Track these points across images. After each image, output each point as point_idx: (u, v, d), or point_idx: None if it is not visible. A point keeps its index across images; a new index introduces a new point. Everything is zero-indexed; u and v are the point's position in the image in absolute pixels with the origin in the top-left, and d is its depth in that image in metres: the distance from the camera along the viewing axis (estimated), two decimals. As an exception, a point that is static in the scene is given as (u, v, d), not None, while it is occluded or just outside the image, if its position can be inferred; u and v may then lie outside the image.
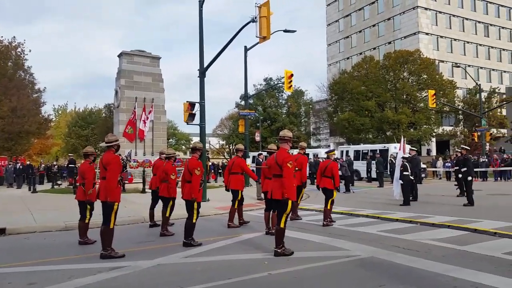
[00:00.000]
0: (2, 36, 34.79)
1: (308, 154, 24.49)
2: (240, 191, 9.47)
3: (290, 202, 6.23)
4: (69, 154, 26.21)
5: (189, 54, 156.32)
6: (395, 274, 5.29)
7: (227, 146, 59.87)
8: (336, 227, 8.95)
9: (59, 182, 24.88)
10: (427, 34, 52.55)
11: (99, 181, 7.08)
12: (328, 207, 9.34)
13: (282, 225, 6.32)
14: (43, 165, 23.90)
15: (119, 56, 24.11)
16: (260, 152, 23.13)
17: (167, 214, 8.91)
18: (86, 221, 7.94)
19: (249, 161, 24.15)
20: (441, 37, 53.65)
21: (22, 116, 30.15)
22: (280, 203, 6.33)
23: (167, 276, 5.39)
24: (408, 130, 38.89)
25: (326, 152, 10.56)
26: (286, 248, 6.34)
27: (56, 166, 25.54)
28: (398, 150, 13.95)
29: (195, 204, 7.43)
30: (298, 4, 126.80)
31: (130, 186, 19.88)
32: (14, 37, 35.32)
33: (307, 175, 12.18)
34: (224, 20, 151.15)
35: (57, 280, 5.17)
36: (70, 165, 21.38)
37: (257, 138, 36.77)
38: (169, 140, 61.86)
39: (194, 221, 7.31)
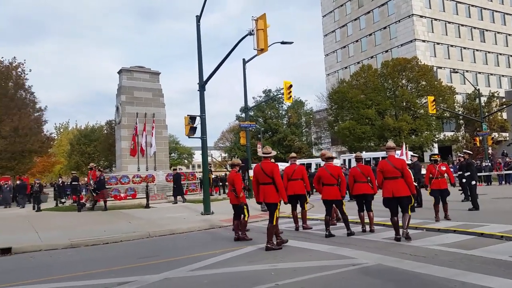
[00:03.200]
0: (2, 57, 35.16)
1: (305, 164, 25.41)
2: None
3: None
4: (72, 172, 26.27)
5: (190, 69, 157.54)
6: (402, 280, 5.27)
7: (229, 159, 59.90)
8: (342, 236, 8.91)
9: (63, 200, 24.82)
10: (423, 41, 52.89)
11: (259, 186, 8.03)
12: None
13: (274, 223, 7.74)
14: (37, 184, 23.94)
15: (119, 72, 24.32)
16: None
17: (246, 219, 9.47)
18: (246, 219, 9.26)
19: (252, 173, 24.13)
20: (438, 43, 53.98)
21: (24, 135, 30.27)
22: (272, 205, 7.78)
23: (174, 290, 5.38)
24: (410, 137, 38.94)
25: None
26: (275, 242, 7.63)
27: (61, 183, 25.41)
28: (400, 155, 13.88)
29: (244, 207, 9.13)
30: (294, 17, 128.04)
31: (134, 202, 19.89)
32: (14, 57, 35.65)
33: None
34: (222, 34, 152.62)
35: (64, 298, 5.17)
36: (73, 183, 21.40)
37: (259, 150, 36.76)
38: (171, 155, 62.00)
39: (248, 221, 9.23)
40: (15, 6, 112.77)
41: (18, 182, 26.33)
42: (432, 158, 11.54)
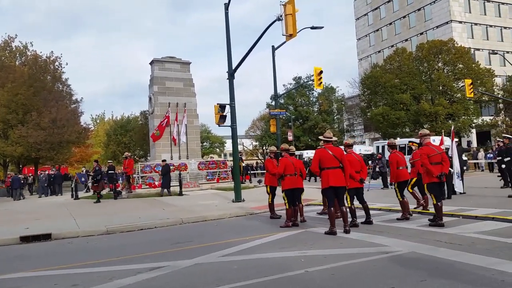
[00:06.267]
0: (41, 52, 36.43)
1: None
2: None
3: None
4: (109, 161, 26.94)
5: (221, 59, 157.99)
6: (436, 269, 5.11)
7: (260, 147, 60.00)
8: (375, 224, 8.74)
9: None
10: (460, 22, 50.69)
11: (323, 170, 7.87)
12: None
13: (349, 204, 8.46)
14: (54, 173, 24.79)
15: (151, 63, 24.71)
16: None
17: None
18: (270, 201, 10.34)
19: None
20: (476, 24, 51.57)
21: (62, 126, 31.32)
22: (342, 189, 7.86)
23: (204, 275, 5.45)
24: (446, 122, 37.59)
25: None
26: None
27: (85, 172, 26.11)
28: (452, 141, 13.25)
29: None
30: (325, 1, 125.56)
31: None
32: (52, 51, 36.93)
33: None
34: (252, 23, 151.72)
35: (99, 282, 5.33)
36: (110, 172, 21.96)
37: (290, 138, 36.62)
38: (203, 144, 62.73)
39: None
40: (52, 2, 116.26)
41: (54, 171, 27.30)
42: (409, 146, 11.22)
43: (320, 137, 8.34)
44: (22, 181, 24.84)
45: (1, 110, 30.55)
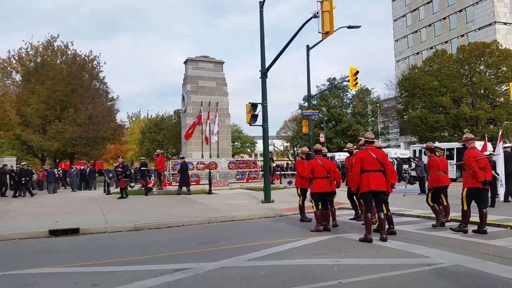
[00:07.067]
0: (80, 51, 37.44)
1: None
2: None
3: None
4: (141, 158, 27.28)
5: (254, 61, 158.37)
6: (486, 285, 4.58)
7: (291, 148, 59.43)
8: (414, 232, 8.15)
9: (132, 184, 25.94)
10: (505, 24, 48.43)
11: (363, 173, 7.40)
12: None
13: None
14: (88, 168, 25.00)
15: (185, 62, 24.75)
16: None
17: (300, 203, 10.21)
18: (300, 203, 10.10)
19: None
20: (522, 25, 49.12)
21: (97, 123, 32.00)
22: (383, 194, 7.35)
23: (229, 280, 5.12)
24: (488, 127, 35.85)
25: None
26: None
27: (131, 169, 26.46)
28: (483, 150, 12.50)
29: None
30: (362, 2, 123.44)
31: (198, 187, 20.20)
32: (90, 51, 37.90)
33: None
34: (287, 25, 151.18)
35: (119, 282, 5.10)
36: (142, 168, 22.18)
37: (322, 139, 35.96)
38: (235, 143, 62.76)
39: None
40: (93, 5, 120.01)
41: (89, 166, 27.83)
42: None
43: (361, 138, 7.87)
44: (57, 175, 25.36)
45: (40, 106, 31.52)
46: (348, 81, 21.66)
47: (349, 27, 20.83)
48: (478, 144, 22.37)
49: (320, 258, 6.10)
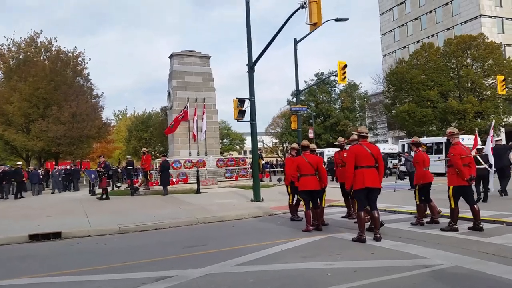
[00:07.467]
0: (65, 47, 36.65)
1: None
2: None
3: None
4: (127, 156, 26.67)
5: (242, 56, 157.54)
6: (489, 289, 4.32)
7: (280, 145, 59.17)
8: (408, 230, 7.90)
9: (118, 184, 25.39)
10: (490, 17, 48.64)
11: (357, 169, 7.08)
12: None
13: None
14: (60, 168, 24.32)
15: (170, 57, 24.24)
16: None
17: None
18: (290, 201, 9.97)
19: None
20: (507, 19, 49.38)
21: (82, 121, 31.29)
22: (377, 191, 7.12)
23: (216, 289, 4.77)
24: (475, 120, 36.01)
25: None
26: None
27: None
28: (474, 144, 12.33)
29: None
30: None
31: (186, 186, 19.80)
32: (75, 47, 37.15)
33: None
34: (274, 19, 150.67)
35: (98, 293, 4.73)
36: (128, 167, 21.59)
37: (311, 135, 35.82)
38: (223, 141, 62.27)
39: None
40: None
41: (72, 167, 27.16)
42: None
43: (354, 132, 7.56)
44: (41, 176, 24.66)
45: (23, 104, 30.71)
46: (336, 75, 21.40)
47: (337, 19, 20.55)
48: (468, 138, 22.50)
49: (312, 261, 5.79)
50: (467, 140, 22.75)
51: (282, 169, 35.02)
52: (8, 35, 49.66)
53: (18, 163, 23.61)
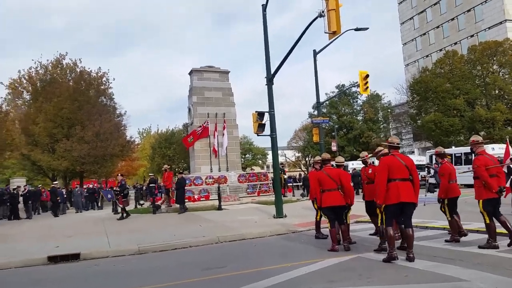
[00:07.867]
0: (89, 68, 37.40)
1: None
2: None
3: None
4: (150, 174, 26.65)
5: (262, 72, 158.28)
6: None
7: (303, 158, 58.56)
8: (442, 248, 7.32)
9: (141, 202, 25.33)
10: (516, 21, 47.34)
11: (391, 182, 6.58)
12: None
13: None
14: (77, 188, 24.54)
15: (189, 73, 24.28)
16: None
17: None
18: (318, 218, 9.36)
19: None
20: (533, 23, 47.96)
21: (105, 139, 31.56)
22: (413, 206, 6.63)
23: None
24: (505, 128, 34.68)
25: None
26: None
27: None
28: (506, 154, 11.65)
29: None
30: (367, 6, 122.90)
31: (207, 203, 19.53)
32: (99, 67, 37.82)
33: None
34: (292, 34, 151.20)
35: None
36: (150, 185, 21.49)
37: (334, 148, 35.12)
38: (246, 156, 62.12)
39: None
40: (104, 21, 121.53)
41: (98, 185, 27.35)
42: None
43: (384, 143, 7.10)
44: (65, 195, 24.87)
45: (48, 124, 31.27)
46: (358, 86, 20.90)
47: (357, 29, 20.16)
48: (499, 147, 21.52)
49: (340, 286, 5.32)
50: (497, 149, 21.81)
51: (300, 183, 34.39)
52: (36, 57, 51.18)
53: (55, 182, 23.92)
